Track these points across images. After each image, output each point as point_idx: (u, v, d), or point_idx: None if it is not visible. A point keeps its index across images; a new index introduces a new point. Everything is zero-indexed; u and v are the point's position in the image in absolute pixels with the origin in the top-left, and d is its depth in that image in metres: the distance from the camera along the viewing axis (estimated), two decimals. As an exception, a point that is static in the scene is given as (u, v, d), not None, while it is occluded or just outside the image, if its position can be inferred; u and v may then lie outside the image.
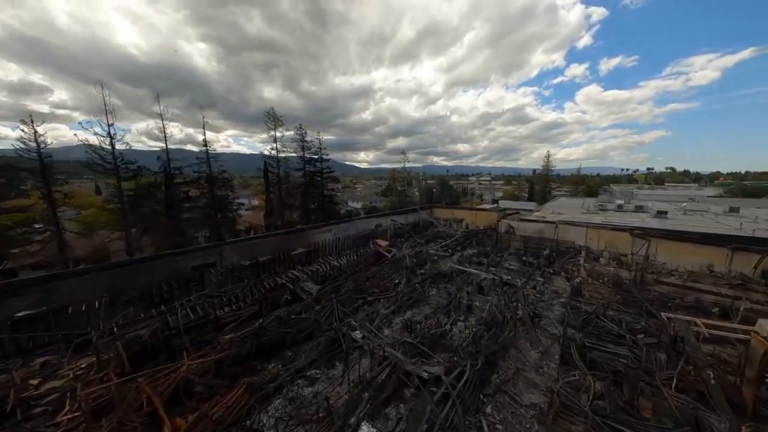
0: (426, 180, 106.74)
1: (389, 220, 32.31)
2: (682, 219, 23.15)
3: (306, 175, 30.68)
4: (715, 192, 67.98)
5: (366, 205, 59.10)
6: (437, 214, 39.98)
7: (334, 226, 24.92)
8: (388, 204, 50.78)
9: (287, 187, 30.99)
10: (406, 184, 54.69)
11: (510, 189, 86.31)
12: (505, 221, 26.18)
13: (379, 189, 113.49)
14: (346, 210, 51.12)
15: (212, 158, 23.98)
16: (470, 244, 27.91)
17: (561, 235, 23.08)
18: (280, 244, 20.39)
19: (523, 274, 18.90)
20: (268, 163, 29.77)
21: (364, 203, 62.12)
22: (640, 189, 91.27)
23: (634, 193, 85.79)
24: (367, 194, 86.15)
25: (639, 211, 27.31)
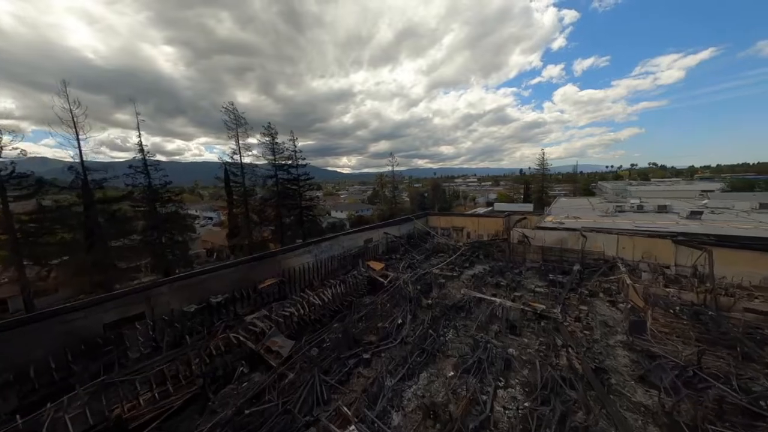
0: (413, 183, 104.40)
1: (381, 233, 28.65)
2: (718, 219, 21.05)
3: (278, 184, 26.45)
4: (715, 186, 69.28)
5: (352, 215, 55.00)
6: (433, 222, 36.80)
7: (315, 246, 20.93)
8: (377, 213, 47.25)
9: (258, 198, 26.59)
10: (393, 188, 51.37)
11: (503, 190, 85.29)
12: (518, 230, 23.19)
13: (364, 195, 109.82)
14: (330, 222, 46.94)
15: (153, 166, 19.39)
16: (478, 258, 24.75)
17: (587, 245, 20.26)
18: (243, 274, 16.15)
19: (554, 298, 15.74)
20: (231, 171, 25.27)
21: (349, 213, 57.91)
22: (631, 185, 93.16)
23: (628, 189, 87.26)
24: (353, 202, 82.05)
25: (663, 212, 25.31)
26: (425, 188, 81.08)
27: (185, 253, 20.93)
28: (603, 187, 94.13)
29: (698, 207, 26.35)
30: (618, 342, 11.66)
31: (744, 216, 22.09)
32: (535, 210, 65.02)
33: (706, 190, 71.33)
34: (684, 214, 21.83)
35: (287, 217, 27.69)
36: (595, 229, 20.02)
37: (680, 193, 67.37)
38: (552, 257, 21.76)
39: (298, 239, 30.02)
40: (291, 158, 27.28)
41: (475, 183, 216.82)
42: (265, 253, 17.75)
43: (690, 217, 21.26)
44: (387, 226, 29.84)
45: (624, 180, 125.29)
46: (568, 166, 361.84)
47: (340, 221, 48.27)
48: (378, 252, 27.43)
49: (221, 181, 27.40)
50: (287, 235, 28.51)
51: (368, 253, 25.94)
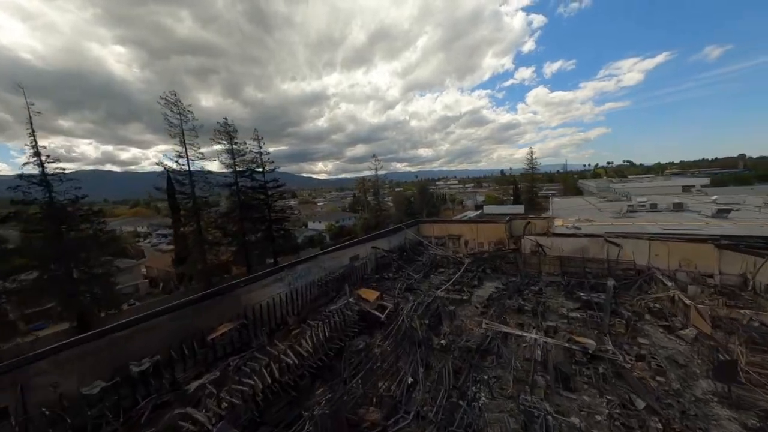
0: (394, 187, 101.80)
1: (368, 248, 25.14)
2: (746, 217, 19.73)
3: (239, 193, 22.24)
4: (697, 182, 72.36)
5: (332, 226, 50.96)
6: (426, 231, 33.88)
7: (288, 271, 17.07)
8: (360, 222, 43.73)
9: (214, 212, 22.13)
10: (376, 194, 48.22)
11: (490, 192, 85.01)
12: (530, 238, 20.71)
13: (344, 202, 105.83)
14: (306, 236, 42.66)
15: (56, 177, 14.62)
16: (485, 273, 21.97)
17: (613, 252, 18.06)
18: (185, 322, 12.00)
19: (595, 326, 13.08)
20: (176, 179, 20.59)
21: (329, 223, 53.69)
22: (612, 183, 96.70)
23: (611, 187, 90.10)
24: (332, 211, 77.68)
25: (679, 210, 24.04)
26: (409, 191, 78.78)
27: (109, 289, 16.14)
28: (587, 186, 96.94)
29: (712, 203, 25.40)
30: (708, 393, 8.95)
31: (767, 213, 21.11)
32: (527, 211, 64.68)
33: (688, 185, 74.67)
34: (708, 211, 20.50)
35: (253, 234, 23.48)
36: (622, 234, 17.84)
37: (662, 189, 69.65)
38: (572, 269, 19.43)
39: (268, 258, 25.76)
40: (256, 161, 23.20)
41: (457, 185, 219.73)
42: (219, 288, 13.66)
43: (717, 215, 19.87)
44: (375, 239, 26.41)
45: (603, 178, 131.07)
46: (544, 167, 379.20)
47: (318, 234, 44.08)
48: (366, 271, 23.91)
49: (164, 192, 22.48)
50: (254, 256, 24.23)
51: (355, 273, 22.35)
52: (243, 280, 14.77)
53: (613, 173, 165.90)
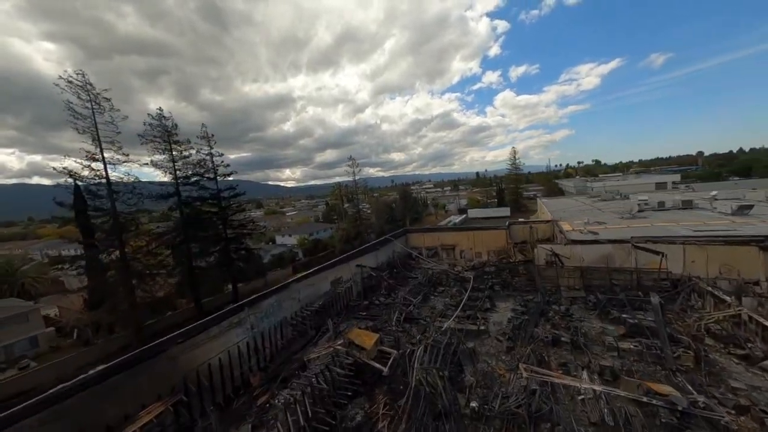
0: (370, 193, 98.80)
1: (352, 266, 21.67)
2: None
3: (181, 206, 17.80)
4: (668, 178, 76.58)
5: (305, 240, 46.34)
6: (415, 241, 31.11)
7: (249, 310, 13.19)
8: (339, 234, 39.88)
9: (145, 233, 17.41)
10: (356, 200, 44.81)
11: (472, 195, 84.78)
12: (545, 247, 18.52)
13: (316, 211, 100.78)
14: (275, 254, 37.92)
15: None
16: (492, 289, 19.38)
17: (642, 260, 16.26)
18: (77, 420, 7.80)
19: (657, 360, 10.74)
20: (90, 191, 15.37)
21: (301, 237, 48.90)
22: (588, 182, 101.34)
23: (588, 186, 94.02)
24: (304, 222, 72.49)
25: (688, 208, 23.35)
26: (384, 197, 75.99)
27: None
28: (565, 186, 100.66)
29: (709, 198, 25.11)
30: None
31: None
32: (513, 214, 64.58)
33: (661, 182, 79.23)
34: (723, 209, 19.71)
35: (203, 258, 19.04)
36: (651, 238, 16.07)
37: (637, 186, 73.25)
38: (595, 281, 17.41)
39: (226, 286, 21.25)
40: (205, 165, 18.96)
41: (433, 189, 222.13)
42: (141, 352, 9.49)
43: (738, 212, 19.00)
44: (360, 256, 22.97)
45: (576, 177, 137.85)
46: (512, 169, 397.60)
47: (289, 250, 39.45)
48: (352, 296, 20.38)
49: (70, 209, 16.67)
50: (206, 285, 19.69)
51: (339, 301, 18.75)
52: (181, 333, 10.68)
53: (583, 172, 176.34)
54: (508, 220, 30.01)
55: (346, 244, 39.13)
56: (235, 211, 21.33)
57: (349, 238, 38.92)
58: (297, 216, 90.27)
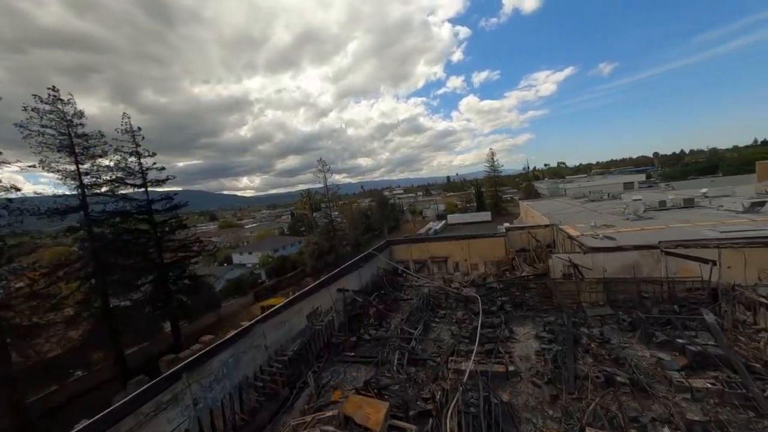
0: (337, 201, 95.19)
1: (332, 291, 18.25)
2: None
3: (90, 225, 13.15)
4: (635, 178, 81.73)
5: (268, 258, 41.19)
6: (401, 255, 28.39)
7: (193, 375, 9.34)
8: (309, 249, 35.79)
9: (31, 265, 12.55)
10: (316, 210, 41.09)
11: (449, 200, 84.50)
12: (561, 257, 16.64)
13: (280, 223, 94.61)
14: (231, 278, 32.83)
15: None
16: (504, 310, 17.04)
17: (673, 267, 14.87)
18: None
19: (743, 400, 8.77)
20: None
21: (264, 254, 43.43)
22: (558, 184, 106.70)
23: (560, 187, 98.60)
24: (267, 235, 66.36)
25: (690, 206, 23.17)
26: (355, 204, 72.71)
27: None
28: (538, 188, 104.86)
29: (689, 196, 25.35)
30: None
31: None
32: (494, 218, 64.67)
33: (629, 182, 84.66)
34: (734, 206, 19.44)
35: (129, 294, 14.49)
36: (682, 242, 14.71)
37: (607, 187, 77.41)
38: (621, 295, 15.73)
39: (165, 328, 16.60)
40: (128, 169, 14.58)
41: (404, 195, 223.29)
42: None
43: (750, 210, 18.64)
44: (340, 277, 19.60)
45: (545, 179, 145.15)
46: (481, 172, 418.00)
47: (249, 272, 34.40)
48: (334, 329, 16.88)
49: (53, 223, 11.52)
50: (132, 331, 15.04)
51: (319, 340, 15.18)
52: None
53: (550, 174, 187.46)
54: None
55: (318, 260, 35.25)
56: (174, 228, 16.91)
57: (322, 253, 35.12)
58: (258, 229, 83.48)
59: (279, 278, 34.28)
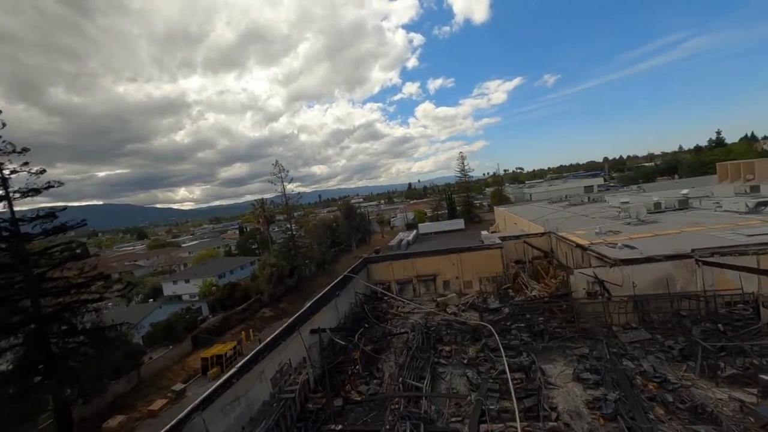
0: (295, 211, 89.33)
1: (305, 334, 14.41)
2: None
3: None
4: (594, 182, 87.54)
5: (211, 287, 34.53)
6: (381, 274, 25.26)
7: None
8: (266, 272, 30.35)
9: None
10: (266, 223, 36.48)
11: (417, 207, 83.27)
12: (585, 272, 14.76)
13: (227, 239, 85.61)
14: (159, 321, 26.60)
15: None
16: (520, 340, 14.59)
17: (709, 279, 13.62)
18: None
19: None
20: None
21: (206, 282, 36.16)
22: (522, 189, 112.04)
23: (525, 192, 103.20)
24: (208, 255, 57.85)
25: (685, 208, 23.29)
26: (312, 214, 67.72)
27: None
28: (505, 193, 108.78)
29: (683, 197, 26.01)
30: None
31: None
32: (467, 225, 64.22)
33: (589, 185, 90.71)
34: (737, 207, 19.48)
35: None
36: (719, 249, 13.53)
37: (569, 190, 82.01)
38: (656, 314, 14.16)
39: (45, 419, 11.33)
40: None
41: (365, 204, 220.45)
42: None
43: (755, 210, 18.64)
44: (313, 313, 15.73)
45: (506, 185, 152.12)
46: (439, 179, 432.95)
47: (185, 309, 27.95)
48: (309, 389, 12.95)
49: None
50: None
51: (291, 411, 11.18)
52: None
53: (510, 179, 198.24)
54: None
55: (277, 285, 30.44)
56: (61, 261, 11.87)
57: (282, 276, 30.45)
58: (198, 248, 73.87)
59: (227, 313, 28.12)
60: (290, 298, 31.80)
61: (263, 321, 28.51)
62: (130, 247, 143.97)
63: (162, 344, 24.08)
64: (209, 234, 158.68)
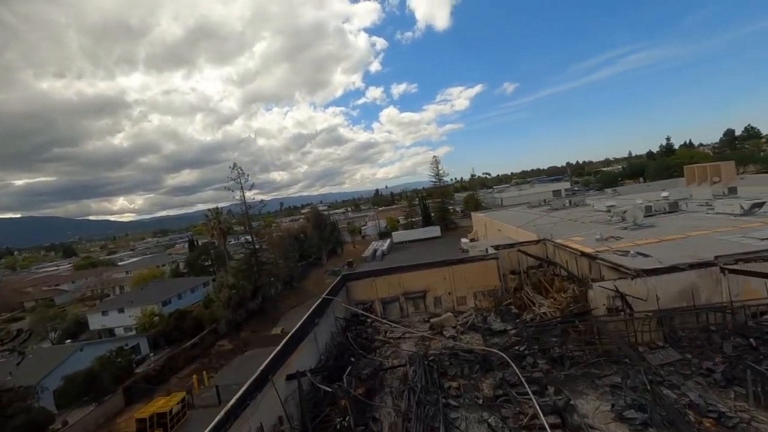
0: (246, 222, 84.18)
1: (281, 382, 11.60)
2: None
3: None
4: (561, 186, 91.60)
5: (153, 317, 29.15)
6: (362, 293, 23.08)
7: None
8: (223, 296, 26.07)
9: None
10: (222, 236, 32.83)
11: (387, 214, 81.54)
12: (605, 286, 13.57)
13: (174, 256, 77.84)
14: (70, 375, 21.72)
15: None
16: (534, 365, 12.95)
17: (734, 288, 12.98)
18: None
19: None
20: None
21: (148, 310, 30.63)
22: (493, 194, 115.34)
23: (496, 197, 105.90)
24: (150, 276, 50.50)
25: (675, 211, 23.47)
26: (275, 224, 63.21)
27: None
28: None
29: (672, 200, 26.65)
30: None
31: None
32: (443, 233, 63.45)
33: (557, 189, 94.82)
34: (731, 209, 19.71)
35: None
36: (745, 256, 12.93)
37: (538, 195, 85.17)
38: (682, 329, 13.21)
39: None
40: None
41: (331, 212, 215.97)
42: None
43: (750, 212, 18.87)
44: (289, 355, 12.95)
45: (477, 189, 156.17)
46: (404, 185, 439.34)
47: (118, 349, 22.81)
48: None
49: None
50: None
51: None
52: None
53: (478, 184, 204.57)
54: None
55: (237, 310, 26.63)
56: None
57: (243, 300, 26.72)
58: (139, 266, 65.51)
59: (174, 350, 23.25)
60: (254, 325, 27.67)
61: (221, 357, 24.18)
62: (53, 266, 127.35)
63: (83, 402, 19.18)
64: (153, 249, 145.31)
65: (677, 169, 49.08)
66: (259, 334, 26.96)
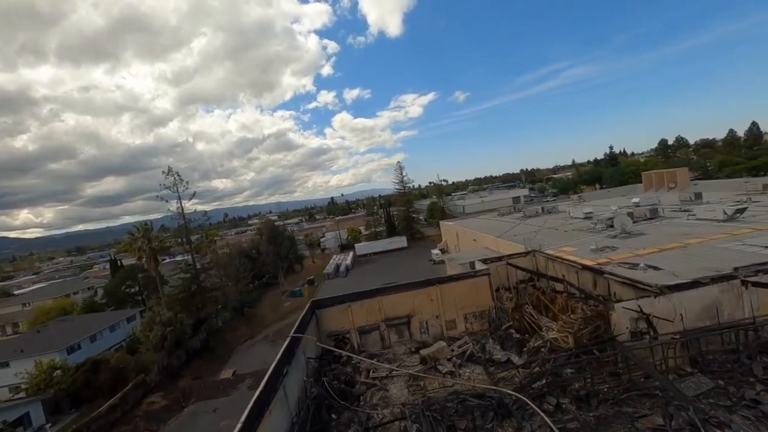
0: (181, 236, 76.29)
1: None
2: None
3: None
4: (521, 193, 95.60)
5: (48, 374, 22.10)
6: (334, 322, 20.32)
7: None
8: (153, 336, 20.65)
9: None
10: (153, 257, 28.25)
11: (349, 224, 78.41)
12: (628, 307, 12.37)
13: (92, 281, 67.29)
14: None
15: None
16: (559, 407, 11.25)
17: (756, 302, 12.52)
18: None
19: None
20: None
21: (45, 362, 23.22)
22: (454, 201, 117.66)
23: (458, 204, 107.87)
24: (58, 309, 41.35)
25: (655, 217, 23.83)
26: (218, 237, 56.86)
27: None
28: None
29: (643, 206, 27.49)
30: None
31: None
32: (409, 243, 61.84)
33: (516, 196, 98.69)
34: (714, 214, 20.18)
35: None
36: (765, 267, 12.50)
37: (498, 202, 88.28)
38: (709, 352, 12.39)
39: None
40: None
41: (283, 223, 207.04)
42: None
43: (733, 218, 19.38)
44: (256, 427, 9.71)
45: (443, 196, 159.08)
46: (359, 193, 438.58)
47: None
48: None
49: None
50: None
51: None
52: None
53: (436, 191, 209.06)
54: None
55: (174, 352, 21.97)
56: None
57: (182, 338, 22.13)
58: (42, 295, 54.22)
59: (83, 419, 17.11)
60: (196, 369, 22.47)
61: (151, 418, 18.74)
62: None
63: None
64: (65, 271, 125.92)
65: (632, 175, 53.43)
66: (203, 381, 21.97)
